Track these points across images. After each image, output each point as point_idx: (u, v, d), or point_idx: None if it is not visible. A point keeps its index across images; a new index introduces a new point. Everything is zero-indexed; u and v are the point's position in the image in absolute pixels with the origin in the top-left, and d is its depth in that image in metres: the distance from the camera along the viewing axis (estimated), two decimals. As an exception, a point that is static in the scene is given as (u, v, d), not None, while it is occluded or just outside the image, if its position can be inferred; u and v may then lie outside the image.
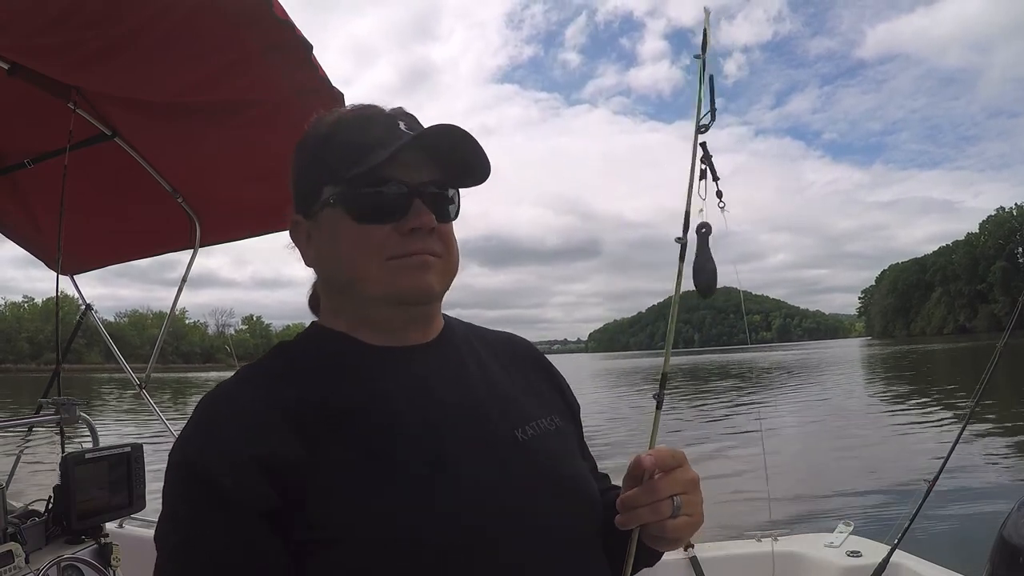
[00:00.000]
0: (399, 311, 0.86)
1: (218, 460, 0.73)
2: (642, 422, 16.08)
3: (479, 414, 0.85)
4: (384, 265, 0.82)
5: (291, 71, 2.04)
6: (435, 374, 0.86)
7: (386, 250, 0.82)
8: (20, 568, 2.03)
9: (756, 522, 6.50)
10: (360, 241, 0.82)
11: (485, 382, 0.90)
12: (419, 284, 0.83)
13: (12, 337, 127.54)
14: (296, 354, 0.87)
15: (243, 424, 0.76)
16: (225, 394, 0.81)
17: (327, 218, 0.85)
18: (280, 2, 1.80)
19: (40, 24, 1.90)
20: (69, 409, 2.59)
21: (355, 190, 0.82)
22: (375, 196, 0.82)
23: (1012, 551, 1.94)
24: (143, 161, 2.89)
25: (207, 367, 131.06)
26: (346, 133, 0.85)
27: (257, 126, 2.39)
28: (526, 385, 0.97)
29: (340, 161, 0.83)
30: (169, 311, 3.80)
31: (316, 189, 0.86)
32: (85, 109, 2.58)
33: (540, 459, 0.86)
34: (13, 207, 3.23)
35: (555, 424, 0.93)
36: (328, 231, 0.85)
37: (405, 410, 0.81)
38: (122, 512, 2.56)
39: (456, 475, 0.78)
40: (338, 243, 0.84)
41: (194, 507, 0.73)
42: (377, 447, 0.77)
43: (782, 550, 2.78)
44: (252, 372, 0.85)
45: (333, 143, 0.85)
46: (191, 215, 3.18)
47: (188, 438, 0.77)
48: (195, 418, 0.79)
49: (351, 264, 0.83)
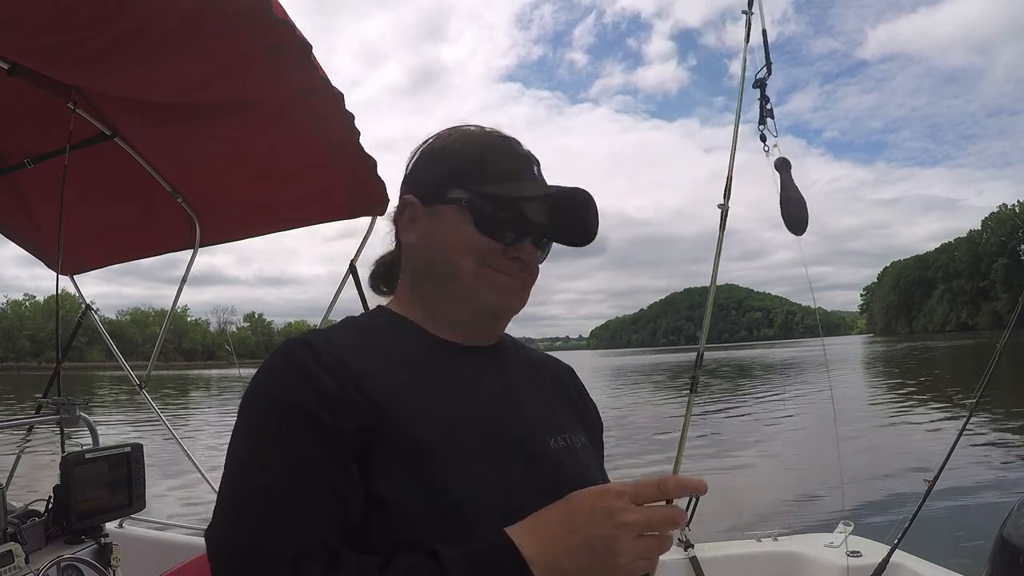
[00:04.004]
0: (477, 316, 0.94)
1: (314, 396, 0.78)
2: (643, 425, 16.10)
3: (522, 416, 0.93)
4: (483, 271, 0.91)
5: (291, 71, 2.04)
6: (490, 374, 0.95)
7: (490, 259, 0.91)
8: (20, 568, 2.03)
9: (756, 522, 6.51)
10: (472, 243, 0.91)
11: (530, 389, 0.99)
12: (507, 302, 0.94)
13: (13, 335, 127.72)
14: (369, 331, 0.93)
15: (331, 373, 0.80)
16: (311, 341, 0.85)
17: (448, 213, 0.93)
18: (280, 2, 1.80)
19: (40, 24, 1.90)
20: (69, 409, 2.60)
21: (488, 204, 0.91)
22: (503, 217, 0.91)
23: (1012, 551, 1.93)
24: (143, 161, 2.89)
25: (209, 364, 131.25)
26: (494, 152, 0.95)
27: (257, 126, 2.40)
28: (563, 401, 1.05)
29: (482, 172, 0.93)
30: (169, 311, 3.80)
31: (445, 184, 0.93)
32: (85, 109, 2.58)
33: (566, 469, 0.91)
34: (13, 207, 3.23)
35: (582, 441, 1.00)
36: (446, 225, 0.93)
37: (461, 401, 0.88)
38: (122, 512, 2.57)
39: (496, 469, 0.84)
40: (451, 237, 0.92)
41: (289, 434, 0.77)
42: (434, 432, 0.82)
43: (782, 550, 2.79)
44: (327, 336, 0.89)
45: (479, 154, 0.95)
46: (191, 215, 3.18)
47: (277, 375, 0.81)
48: (279, 360, 0.83)
49: (456, 258, 0.91)
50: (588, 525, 0.72)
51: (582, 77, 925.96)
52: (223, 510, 0.78)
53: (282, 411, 0.78)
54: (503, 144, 0.97)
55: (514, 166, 0.95)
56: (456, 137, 0.99)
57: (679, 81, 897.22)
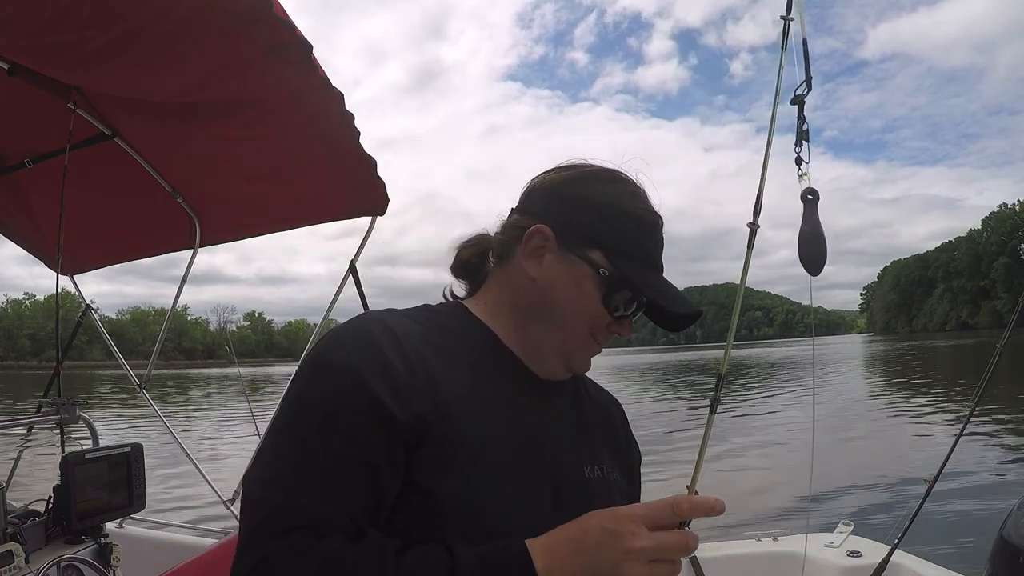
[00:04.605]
0: (557, 366, 0.97)
1: (376, 373, 0.79)
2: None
3: (564, 442, 0.94)
4: (586, 336, 0.95)
5: (291, 71, 2.03)
6: (547, 397, 0.96)
7: (593, 328, 0.94)
8: (20, 568, 2.03)
9: (756, 522, 6.51)
10: (588, 308, 0.93)
11: (577, 417, 1.01)
12: (586, 366, 0.99)
13: (13, 334, 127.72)
14: (447, 327, 0.94)
15: (403, 356, 0.82)
16: (388, 322, 0.86)
17: (580, 269, 0.93)
18: (280, 2, 1.79)
19: (40, 24, 1.89)
20: (69, 409, 2.60)
21: (621, 284, 0.92)
22: (623, 296, 0.93)
23: (1012, 551, 1.93)
24: (143, 161, 2.89)
25: (209, 363, 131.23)
26: (645, 236, 0.96)
27: (257, 126, 2.39)
28: (606, 434, 1.07)
29: (629, 253, 0.93)
30: (170, 310, 3.80)
31: (589, 242, 0.93)
32: (85, 109, 2.58)
33: (594, 497, 0.92)
34: (13, 207, 3.23)
35: (615, 476, 1.01)
36: (574, 281, 0.93)
37: (515, 417, 0.89)
38: (122, 512, 2.57)
39: (527, 484, 0.85)
40: (576, 295, 0.93)
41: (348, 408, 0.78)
42: (479, 438, 0.83)
43: (782, 550, 2.79)
44: (406, 319, 0.91)
45: (633, 234, 0.94)
46: (191, 215, 3.18)
47: (345, 347, 0.82)
48: (352, 332, 0.84)
49: (570, 317, 0.93)
50: (596, 548, 0.72)
51: (583, 76, 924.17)
52: (267, 461, 0.80)
53: (348, 385, 0.78)
54: (652, 221, 0.97)
55: (654, 252, 0.97)
56: (607, 189, 0.97)
57: (680, 80, 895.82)
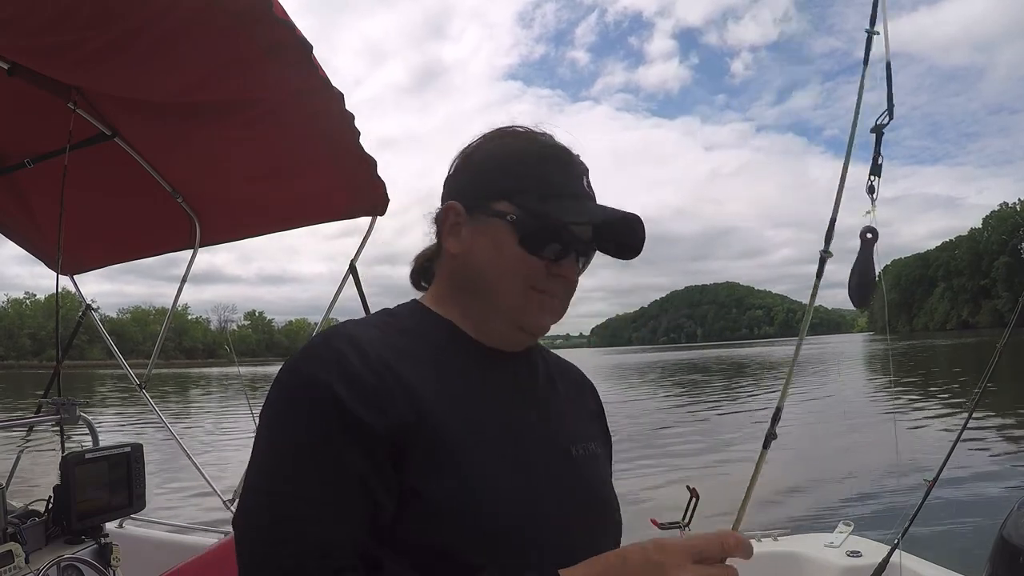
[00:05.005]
0: (516, 332, 0.93)
1: (348, 388, 0.77)
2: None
3: (546, 423, 0.94)
4: (525, 291, 0.90)
5: (291, 71, 2.03)
6: (518, 379, 0.95)
7: (531, 279, 0.90)
8: (20, 568, 2.03)
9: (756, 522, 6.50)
10: (515, 262, 0.89)
11: (553, 396, 1.00)
12: (542, 322, 0.93)
13: (14, 333, 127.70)
14: (406, 327, 0.92)
15: (371, 367, 0.79)
16: (352, 334, 0.84)
17: (492, 227, 0.90)
18: (280, 2, 1.79)
19: (40, 24, 1.89)
20: (69, 409, 2.60)
21: (534, 222, 0.89)
22: (548, 236, 0.89)
23: (1012, 551, 1.93)
24: (143, 161, 2.89)
25: (210, 363, 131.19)
26: (547, 167, 0.92)
27: (257, 126, 2.39)
28: (580, 408, 1.06)
29: (533, 189, 0.90)
30: (170, 309, 3.81)
31: (493, 196, 0.91)
32: (85, 109, 2.58)
33: (585, 477, 0.94)
34: (13, 207, 3.23)
35: (597, 450, 1.01)
36: (490, 240, 0.91)
37: (492, 406, 0.89)
38: (122, 512, 2.57)
39: (518, 471, 0.84)
40: (495, 254, 0.90)
41: (320, 425, 0.76)
42: (462, 432, 0.82)
43: (782, 550, 2.79)
44: (366, 329, 0.88)
45: (527, 164, 0.92)
46: (191, 215, 3.18)
47: (316, 361, 0.80)
48: (319, 346, 0.82)
49: (498, 277, 0.90)
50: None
51: (584, 76, 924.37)
52: (257, 504, 0.77)
53: (321, 408, 0.76)
54: (556, 157, 0.94)
55: (570, 181, 0.92)
56: (503, 142, 0.96)
57: (681, 80, 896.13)
